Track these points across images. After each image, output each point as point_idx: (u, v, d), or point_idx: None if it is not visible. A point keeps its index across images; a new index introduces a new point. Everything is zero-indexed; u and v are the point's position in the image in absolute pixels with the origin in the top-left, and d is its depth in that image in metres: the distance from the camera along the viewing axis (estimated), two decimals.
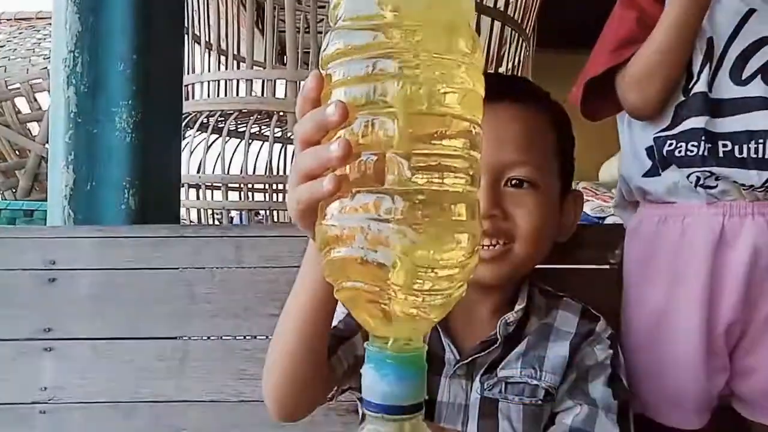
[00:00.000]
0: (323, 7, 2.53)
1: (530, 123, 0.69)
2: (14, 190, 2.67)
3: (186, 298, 0.95)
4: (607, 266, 0.96)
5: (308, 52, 2.46)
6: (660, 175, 0.77)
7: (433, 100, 0.36)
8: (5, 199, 2.61)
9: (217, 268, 0.96)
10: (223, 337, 0.97)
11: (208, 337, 0.97)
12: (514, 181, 0.67)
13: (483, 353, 0.69)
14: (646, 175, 0.79)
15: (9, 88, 2.42)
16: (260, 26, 2.83)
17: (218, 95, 2.06)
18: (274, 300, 0.95)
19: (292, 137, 2.87)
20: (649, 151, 0.78)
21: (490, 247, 0.66)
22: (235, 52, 2.48)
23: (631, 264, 0.84)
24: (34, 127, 2.62)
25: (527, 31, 2.56)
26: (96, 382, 0.94)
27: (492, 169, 0.66)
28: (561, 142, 0.73)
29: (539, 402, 0.68)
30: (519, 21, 2.41)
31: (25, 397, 0.94)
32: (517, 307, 0.71)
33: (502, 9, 2.24)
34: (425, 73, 0.35)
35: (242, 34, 2.57)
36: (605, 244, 0.95)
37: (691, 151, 0.73)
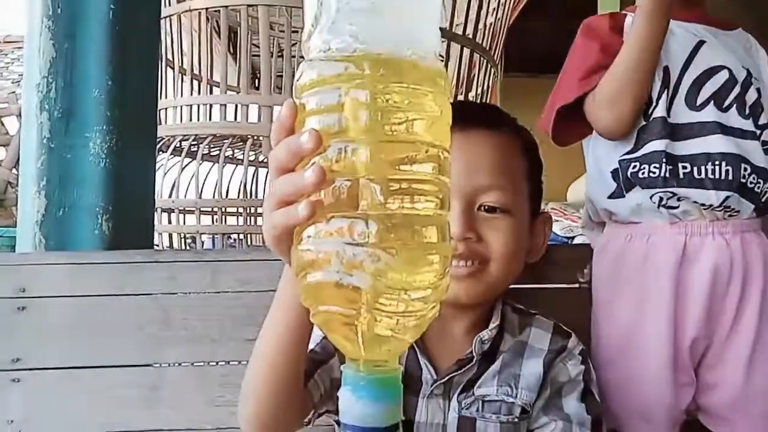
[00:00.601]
0: (296, 31, 2.56)
1: (502, 149, 0.72)
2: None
3: (160, 324, 0.95)
4: (577, 285, 1.00)
5: (281, 76, 2.49)
6: (624, 196, 0.81)
7: (402, 127, 0.38)
8: None
9: (192, 293, 0.96)
10: (198, 364, 0.96)
11: (185, 364, 0.96)
12: (486, 206, 0.69)
13: (459, 372, 0.70)
14: (611, 197, 0.83)
15: None
16: (233, 51, 2.85)
17: (191, 120, 2.06)
18: (251, 325, 0.95)
19: (265, 161, 2.88)
20: (614, 173, 0.82)
21: (466, 265, 0.68)
22: (209, 77, 2.49)
23: (600, 282, 0.87)
24: (0, 152, 2.57)
25: (495, 58, 2.63)
26: (66, 413, 0.92)
27: (465, 194, 0.68)
28: (531, 167, 0.76)
29: (515, 419, 0.69)
30: (487, 48, 2.48)
31: None
32: (491, 325, 0.72)
33: (471, 36, 2.31)
34: (394, 103, 0.37)
35: (216, 60, 2.59)
36: (574, 264, 0.98)
37: (654, 173, 0.77)
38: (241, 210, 2.46)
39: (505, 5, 2.44)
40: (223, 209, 2.19)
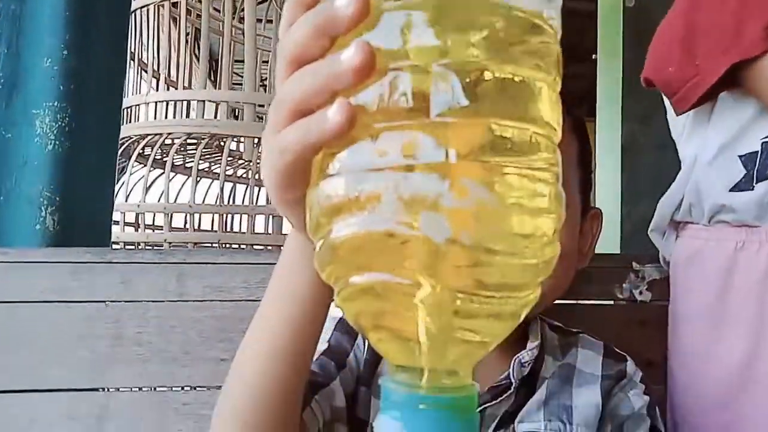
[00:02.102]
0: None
1: None
2: None
3: (110, 338, 0.77)
4: (612, 301, 0.85)
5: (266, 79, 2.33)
6: (752, 189, 0.63)
7: None
8: None
9: (151, 301, 0.79)
10: (157, 388, 0.78)
11: (137, 388, 0.78)
12: None
13: (494, 402, 0.55)
14: (735, 188, 0.64)
15: None
16: (215, 56, 2.70)
17: (166, 118, 1.88)
18: (223, 341, 0.78)
19: (245, 176, 2.70)
20: (748, 158, 0.64)
21: None
22: (186, 85, 2.33)
23: (694, 302, 0.69)
24: None
25: None
26: None
27: None
28: (581, 150, 0.62)
29: None
30: None
31: None
32: (531, 345, 0.58)
33: None
34: None
35: (194, 65, 2.44)
36: (610, 277, 0.84)
37: None
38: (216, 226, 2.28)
39: None
40: (197, 214, 1.97)
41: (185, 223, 2.06)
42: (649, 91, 0.73)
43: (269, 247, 1.86)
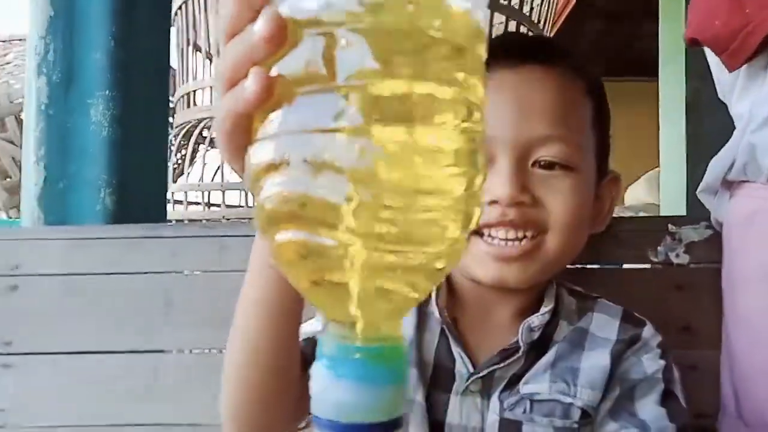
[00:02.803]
0: None
1: (564, 89, 0.56)
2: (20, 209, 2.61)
3: (162, 306, 0.84)
4: (648, 265, 0.83)
5: None
6: None
7: None
8: (10, 218, 2.54)
9: (198, 272, 0.85)
10: (207, 351, 0.85)
11: (187, 351, 0.85)
12: (543, 162, 0.55)
13: (502, 365, 0.56)
14: None
15: (12, 101, 2.36)
16: None
17: None
18: None
19: None
20: None
21: (517, 242, 0.54)
22: None
23: (752, 263, 0.63)
24: None
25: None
26: (58, 403, 0.83)
27: (518, 146, 0.54)
28: (597, 112, 0.60)
29: (574, 425, 0.54)
30: (536, 21, 2.30)
31: None
32: (544, 309, 0.58)
33: (517, 7, 2.13)
34: None
35: None
36: (644, 240, 0.82)
37: None
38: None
39: None
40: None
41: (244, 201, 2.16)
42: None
43: None
